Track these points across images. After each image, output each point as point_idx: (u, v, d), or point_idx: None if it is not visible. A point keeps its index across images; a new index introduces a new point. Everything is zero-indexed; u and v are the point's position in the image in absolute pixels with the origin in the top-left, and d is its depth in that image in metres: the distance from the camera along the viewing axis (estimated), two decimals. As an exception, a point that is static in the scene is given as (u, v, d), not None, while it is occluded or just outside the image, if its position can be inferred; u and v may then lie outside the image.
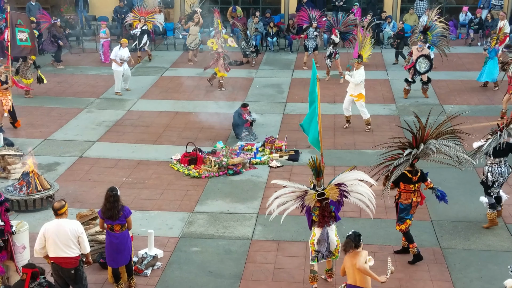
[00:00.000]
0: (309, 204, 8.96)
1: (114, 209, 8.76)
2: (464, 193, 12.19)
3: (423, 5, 25.26)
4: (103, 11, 26.28)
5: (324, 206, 8.95)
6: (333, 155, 14.02)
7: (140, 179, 12.96)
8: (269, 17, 24.71)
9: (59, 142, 14.99)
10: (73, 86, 19.58)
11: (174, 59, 22.91)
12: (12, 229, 9.10)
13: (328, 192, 8.92)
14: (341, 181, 8.97)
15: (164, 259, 9.98)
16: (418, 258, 9.83)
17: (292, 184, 8.99)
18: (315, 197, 8.87)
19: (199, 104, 17.75)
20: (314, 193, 8.87)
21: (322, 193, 8.88)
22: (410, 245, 9.84)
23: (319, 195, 8.87)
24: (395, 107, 17.35)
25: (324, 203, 8.94)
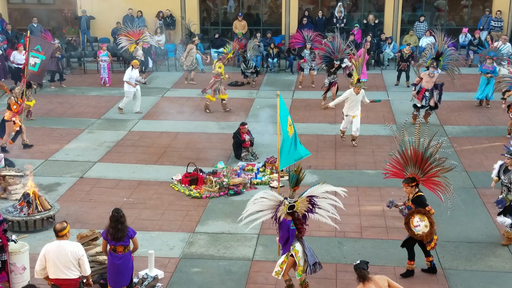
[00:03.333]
0: (281, 215, 8.93)
1: (124, 230, 8.78)
2: (465, 214, 12.17)
3: (423, 27, 25.41)
4: (105, 33, 26.43)
5: (296, 217, 8.97)
6: (334, 176, 14.02)
7: (141, 200, 12.95)
8: (270, 38, 24.85)
9: (60, 162, 14.99)
10: (75, 106, 19.64)
11: (175, 80, 23.00)
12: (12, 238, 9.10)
13: (297, 205, 8.93)
14: (312, 193, 9.01)
15: (164, 280, 9.94)
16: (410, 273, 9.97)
17: (270, 192, 9.02)
18: (286, 210, 8.87)
19: (200, 124, 17.79)
20: (286, 205, 8.89)
21: (293, 205, 8.89)
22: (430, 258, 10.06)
23: (290, 208, 8.87)
24: (395, 128, 17.37)
25: (296, 214, 8.96)
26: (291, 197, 8.97)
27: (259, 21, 27.75)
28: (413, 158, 9.99)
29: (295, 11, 26.74)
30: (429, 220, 9.57)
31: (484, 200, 12.65)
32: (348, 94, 15.71)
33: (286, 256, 9.09)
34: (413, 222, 9.61)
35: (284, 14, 26.89)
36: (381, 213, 12.20)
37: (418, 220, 9.58)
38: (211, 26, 27.74)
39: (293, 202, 8.91)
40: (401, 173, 10.15)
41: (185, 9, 26.83)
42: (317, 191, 9.01)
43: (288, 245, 9.05)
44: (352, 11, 27.76)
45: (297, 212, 8.98)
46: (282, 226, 8.99)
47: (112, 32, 25.64)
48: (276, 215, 8.98)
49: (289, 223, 8.95)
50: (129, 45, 21.84)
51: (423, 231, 9.60)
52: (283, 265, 9.08)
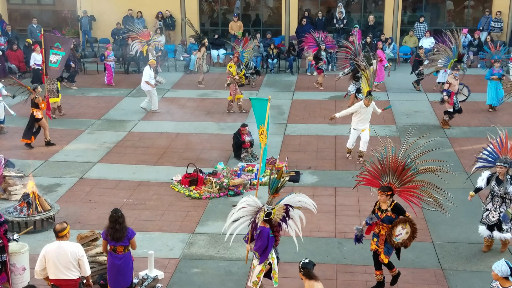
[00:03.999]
0: (258, 222, 8.78)
1: (123, 230, 8.78)
2: (465, 215, 12.17)
3: (422, 27, 25.42)
4: (105, 33, 26.44)
5: (273, 224, 8.82)
6: (334, 176, 14.03)
7: (140, 200, 12.96)
8: (270, 39, 24.86)
9: (60, 163, 15.00)
10: (75, 107, 19.64)
11: (175, 81, 23.01)
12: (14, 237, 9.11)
13: (274, 212, 8.74)
14: (289, 202, 8.83)
15: (164, 281, 9.94)
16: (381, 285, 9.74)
17: (253, 198, 8.88)
18: (263, 217, 8.70)
19: (200, 125, 17.80)
20: (264, 212, 8.71)
21: (270, 212, 8.71)
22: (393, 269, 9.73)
23: (266, 215, 8.69)
24: (396, 128, 17.38)
25: (272, 222, 8.80)
26: (269, 203, 8.77)
27: (259, 22, 27.76)
28: (392, 168, 9.61)
29: (295, 12, 26.76)
30: (411, 228, 9.31)
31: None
32: (357, 107, 14.62)
33: (264, 265, 8.89)
34: (395, 232, 9.34)
35: (284, 14, 26.91)
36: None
37: (400, 229, 9.34)
38: (210, 27, 27.74)
39: (270, 209, 8.71)
40: (377, 181, 9.72)
41: (185, 10, 26.85)
42: (294, 199, 8.83)
43: (266, 254, 8.82)
44: (352, 11, 27.79)
45: (273, 219, 8.76)
46: (261, 234, 8.74)
47: (112, 32, 25.66)
48: (255, 222, 8.82)
49: (269, 230, 8.74)
50: (142, 47, 21.92)
51: (403, 238, 9.37)
52: (260, 275, 8.88)
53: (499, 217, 10.53)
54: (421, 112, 18.79)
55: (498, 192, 10.49)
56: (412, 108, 18.94)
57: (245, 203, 8.84)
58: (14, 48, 23.07)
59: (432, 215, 12.11)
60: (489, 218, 10.64)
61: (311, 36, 21.84)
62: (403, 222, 9.36)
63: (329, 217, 12.14)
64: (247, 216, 8.90)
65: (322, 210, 12.41)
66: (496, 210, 10.56)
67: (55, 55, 16.53)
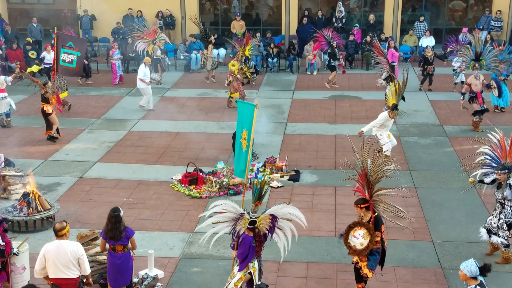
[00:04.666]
0: (239, 229, 8.63)
1: (116, 229, 8.75)
2: (465, 214, 12.18)
3: (422, 27, 25.42)
4: (105, 33, 26.44)
5: (257, 232, 8.63)
6: (333, 176, 14.02)
7: (140, 200, 12.96)
8: (270, 38, 24.86)
9: (60, 162, 15.00)
10: (75, 106, 19.62)
11: (175, 80, 23.01)
12: (14, 251, 9.09)
13: (259, 221, 8.60)
14: (274, 212, 8.67)
15: (164, 280, 9.94)
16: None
17: (231, 204, 8.66)
18: (246, 224, 8.55)
19: (200, 124, 17.80)
20: (247, 219, 8.55)
21: (254, 221, 8.54)
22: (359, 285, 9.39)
23: (251, 223, 8.53)
24: (396, 128, 17.38)
25: (256, 230, 8.63)
26: (254, 211, 8.61)
27: (259, 21, 27.76)
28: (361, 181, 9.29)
29: (295, 11, 26.77)
30: (368, 244, 8.84)
31: (484, 200, 12.65)
32: (383, 120, 14.48)
33: (244, 274, 8.79)
34: (355, 233, 8.95)
35: (284, 14, 26.91)
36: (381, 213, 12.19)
37: (362, 234, 8.91)
38: (210, 26, 27.73)
39: (255, 217, 8.55)
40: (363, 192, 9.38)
41: (185, 9, 26.85)
42: (281, 211, 8.66)
43: (246, 262, 8.71)
44: (352, 10, 27.79)
45: (258, 228, 8.62)
46: (243, 241, 8.63)
47: (112, 32, 25.65)
48: (235, 229, 8.68)
49: (251, 239, 8.60)
50: (147, 46, 21.93)
51: (357, 246, 8.91)
52: (238, 283, 8.77)
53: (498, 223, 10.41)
54: (421, 111, 18.78)
55: (497, 196, 10.35)
56: (412, 107, 18.92)
57: (223, 208, 8.62)
58: (14, 47, 23.05)
59: (432, 214, 12.13)
60: (491, 225, 10.49)
61: (321, 35, 21.82)
62: (368, 231, 8.90)
63: (329, 216, 12.14)
64: (227, 222, 8.70)
65: (322, 209, 12.44)
66: (497, 216, 10.41)
67: (68, 55, 16.67)
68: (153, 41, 21.89)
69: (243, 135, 10.10)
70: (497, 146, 10.46)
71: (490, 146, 10.55)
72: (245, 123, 10.11)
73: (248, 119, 9.99)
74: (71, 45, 16.75)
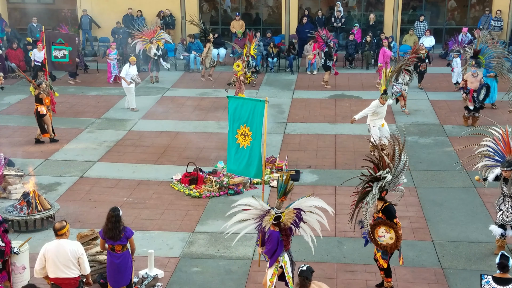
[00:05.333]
0: (265, 225, 8.72)
1: (115, 229, 8.75)
2: (465, 214, 12.18)
3: (422, 26, 25.42)
4: (105, 32, 26.43)
5: (283, 227, 8.74)
6: (333, 175, 14.02)
7: (140, 199, 12.96)
8: (270, 38, 24.85)
9: (59, 162, 15.00)
10: (74, 106, 19.64)
11: (175, 80, 23.00)
12: (15, 250, 9.09)
13: (284, 216, 8.70)
14: (299, 206, 8.78)
15: (164, 280, 9.94)
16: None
17: (258, 201, 8.78)
18: (271, 220, 8.65)
19: (200, 124, 17.79)
20: (272, 215, 8.65)
21: (279, 216, 8.65)
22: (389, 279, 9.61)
23: (276, 218, 8.64)
24: (396, 127, 17.37)
25: (282, 224, 8.73)
26: (278, 207, 8.72)
27: (259, 21, 27.75)
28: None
29: (295, 11, 26.76)
30: (395, 234, 9.16)
31: (484, 199, 12.66)
32: (374, 107, 14.71)
33: (276, 268, 8.84)
34: (378, 232, 9.26)
35: (284, 13, 26.90)
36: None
37: (383, 231, 9.22)
38: (210, 26, 27.70)
39: (279, 212, 8.67)
40: None
41: (185, 8, 26.85)
42: (305, 204, 8.78)
43: (275, 257, 8.78)
44: (352, 10, 27.77)
45: (283, 223, 8.73)
46: (270, 237, 8.70)
47: (112, 31, 25.64)
48: (261, 225, 8.78)
49: (278, 234, 8.69)
50: (144, 45, 21.93)
51: (387, 242, 9.24)
52: (273, 279, 8.84)
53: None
54: (421, 111, 18.78)
55: (507, 192, 10.38)
56: (412, 107, 18.92)
57: (249, 205, 8.75)
58: (14, 47, 23.06)
59: (432, 214, 12.13)
60: (504, 219, 10.47)
61: (318, 35, 21.83)
62: (387, 226, 9.19)
63: (329, 216, 12.08)
64: (253, 219, 8.82)
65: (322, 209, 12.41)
66: (509, 210, 10.43)
67: (59, 50, 16.73)
68: (150, 40, 21.88)
69: (240, 131, 10.02)
70: (500, 141, 10.52)
71: (493, 139, 10.62)
72: (244, 119, 10.02)
73: (251, 115, 9.91)
74: (61, 41, 16.85)
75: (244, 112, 10.05)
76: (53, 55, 16.79)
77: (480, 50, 17.25)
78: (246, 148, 10.06)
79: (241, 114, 10.06)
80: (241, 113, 10.08)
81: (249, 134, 9.99)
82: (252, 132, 9.92)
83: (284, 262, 8.85)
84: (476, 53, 17.27)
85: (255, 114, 9.90)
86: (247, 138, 10.02)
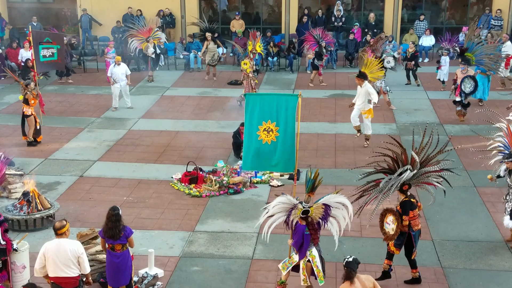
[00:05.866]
0: (293, 219, 8.88)
1: (115, 228, 8.74)
2: (465, 213, 12.18)
3: (422, 25, 25.42)
4: (105, 31, 26.42)
5: (310, 221, 8.90)
6: (334, 174, 14.02)
7: (140, 199, 12.96)
8: (270, 37, 24.85)
9: (59, 161, 15.00)
10: (74, 105, 19.64)
11: (175, 79, 23.00)
12: (14, 247, 9.10)
13: (312, 211, 8.83)
14: (327, 202, 8.91)
15: (164, 279, 9.94)
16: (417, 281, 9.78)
17: (285, 197, 8.94)
18: (299, 214, 8.80)
19: (200, 123, 17.79)
20: (300, 209, 8.81)
21: (307, 210, 8.79)
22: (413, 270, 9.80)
23: (304, 212, 8.79)
24: (396, 127, 17.38)
25: (309, 219, 8.88)
26: (306, 202, 8.88)
27: (259, 20, 27.74)
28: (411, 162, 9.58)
29: (295, 10, 26.75)
30: (396, 228, 9.40)
31: (484, 199, 12.66)
32: (371, 88, 15.70)
33: (304, 263, 8.98)
34: (387, 219, 9.50)
35: (284, 13, 26.90)
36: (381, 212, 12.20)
37: (391, 220, 9.44)
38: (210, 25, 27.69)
39: (307, 207, 8.80)
40: None
41: (185, 8, 26.85)
42: (332, 200, 8.93)
43: (303, 251, 8.93)
44: (352, 9, 27.77)
45: (310, 217, 8.86)
46: (296, 230, 8.88)
47: (112, 31, 25.64)
48: (289, 218, 8.92)
49: (304, 228, 8.82)
50: (141, 44, 21.90)
51: (389, 232, 9.49)
52: (304, 272, 9.00)
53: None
54: (421, 110, 18.78)
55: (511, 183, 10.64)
56: (412, 106, 18.93)
57: (279, 201, 8.95)
58: (14, 46, 23.05)
59: (431, 213, 12.12)
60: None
61: (310, 35, 21.84)
62: (395, 217, 9.43)
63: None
64: (281, 213, 8.98)
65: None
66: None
67: (47, 49, 16.75)
68: (146, 39, 21.86)
69: (263, 127, 9.96)
70: (507, 134, 10.71)
71: (503, 134, 10.82)
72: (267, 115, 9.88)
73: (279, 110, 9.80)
74: (49, 40, 16.93)
75: (267, 108, 9.93)
76: (41, 54, 16.81)
77: (468, 48, 17.42)
78: (270, 144, 9.98)
79: (263, 110, 9.96)
80: (263, 109, 9.97)
81: (274, 129, 9.88)
82: (279, 127, 9.84)
83: (312, 256, 8.97)
84: (462, 51, 17.46)
85: (286, 108, 9.80)
86: (272, 133, 9.92)
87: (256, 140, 10.04)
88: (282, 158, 10.04)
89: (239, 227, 11.71)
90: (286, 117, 9.87)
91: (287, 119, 9.86)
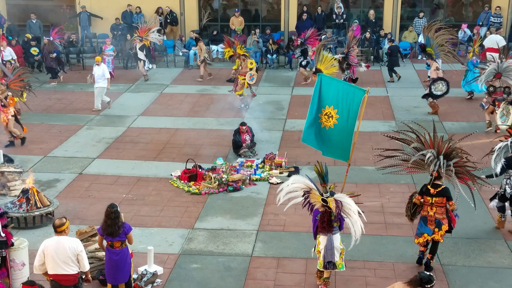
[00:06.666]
0: (315, 203, 9.11)
1: (114, 225, 8.74)
2: (464, 210, 12.14)
3: (422, 23, 25.37)
4: (104, 29, 26.39)
5: (325, 212, 9.05)
6: (333, 172, 13.90)
7: (140, 196, 12.96)
8: (269, 34, 24.82)
9: (59, 159, 14.99)
10: (73, 103, 19.63)
11: (174, 76, 22.99)
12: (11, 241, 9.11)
13: (330, 202, 8.97)
14: (339, 198, 9.05)
15: (164, 276, 9.95)
16: None
17: (303, 178, 9.21)
18: (320, 200, 9.00)
19: (199, 121, 17.79)
20: (319, 195, 9.01)
21: (325, 200, 8.98)
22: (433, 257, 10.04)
23: (323, 201, 9.00)
24: (395, 124, 17.38)
25: (325, 208, 9.04)
26: (324, 192, 9.08)
27: (258, 17, 27.72)
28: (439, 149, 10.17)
29: (294, 7, 26.72)
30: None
31: (483, 196, 12.63)
32: None
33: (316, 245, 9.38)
34: None
35: (283, 10, 26.87)
36: (380, 209, 12.22)
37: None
38: (210, 23, 27.68)
39: (326, 197, 8.99)
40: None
41: (184, 5, 26.82)
42: (344, 199, 9.05)
43: (314, 234, 9.39)
44: (352, 7, 27.75)
45: (329, 208, 9.00)
46: (313, 212, 9.27)
47: (111, 28, 25.61)
48: (309, 202, 9.17)
49: (317, 213, 9.14)
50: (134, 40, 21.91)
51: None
52: (318, 248, 9.30)
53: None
54: (421, 107, 18.77)
55: None
56: (412, 103, 18.93)
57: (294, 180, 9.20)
58: (13, 43, 23.01)
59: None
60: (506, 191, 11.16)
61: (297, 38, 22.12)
62: None
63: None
64: (299, 191, 9.19)
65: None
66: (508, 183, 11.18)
67: None
68: (141, 38, 21.81)
69: (325, 111, 9.94)
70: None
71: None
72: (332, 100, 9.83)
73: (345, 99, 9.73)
74: None
75: (334, 94, 9.84)
76: None
77: (425, 44, 18.11)
78: (328, 129, 9.98)
79: (330, 95, 9.89)
80: (330, 94, 9.90)
81: (334, 116, 9.83)
82: (339, 116, 9.81)
83: (318, 242, 9.24)
84: (423, 48, 18.30)
85: (351, 100, 9.70)
86: (331, 120, 9.87)
87: (317, 122, 10.11)
88: (337, 146, 10.12)
89: (239, 225, 11.72)
90: (349, 109, 9.78)
91: (349, 111, 9.78)
